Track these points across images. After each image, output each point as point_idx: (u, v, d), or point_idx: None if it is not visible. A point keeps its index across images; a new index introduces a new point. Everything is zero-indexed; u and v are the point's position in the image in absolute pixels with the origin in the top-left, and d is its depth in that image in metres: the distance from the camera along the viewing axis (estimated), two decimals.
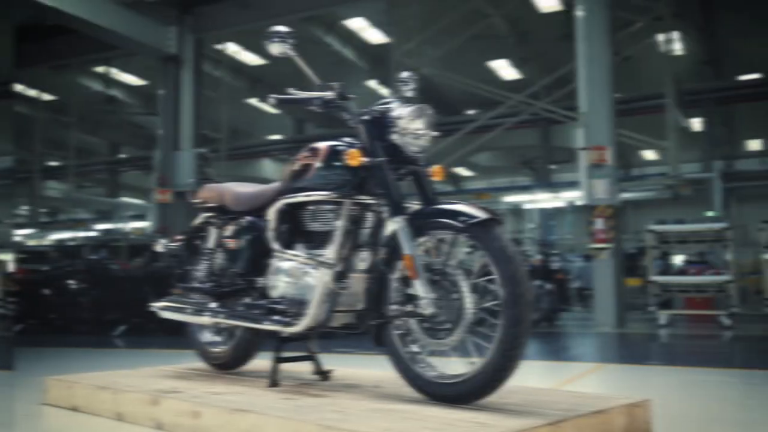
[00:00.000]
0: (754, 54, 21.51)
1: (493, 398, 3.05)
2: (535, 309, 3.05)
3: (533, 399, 3.17)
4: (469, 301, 2.99)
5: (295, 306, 3.44)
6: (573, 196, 20.05)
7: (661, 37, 16.31)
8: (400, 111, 3.28)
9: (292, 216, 3.64)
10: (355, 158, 3.21)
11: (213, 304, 3.91)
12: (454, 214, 3.03)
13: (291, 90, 3.46)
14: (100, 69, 23.46)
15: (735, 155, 29.48)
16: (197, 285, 4.20)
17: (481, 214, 2.96)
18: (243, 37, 20.59)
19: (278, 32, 3.38)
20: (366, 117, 3.35)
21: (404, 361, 3.21)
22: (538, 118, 22.46)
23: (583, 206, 12.38)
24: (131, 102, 26.03)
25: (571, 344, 9.25)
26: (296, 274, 3.47)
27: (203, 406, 3.13)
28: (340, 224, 3.33)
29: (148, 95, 25.67)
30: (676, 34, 17.51)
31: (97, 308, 10.82)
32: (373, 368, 4.66)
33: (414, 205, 3.30)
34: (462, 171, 32.46)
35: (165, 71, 16.53)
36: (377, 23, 19.99)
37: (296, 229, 3.64)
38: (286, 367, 4.15)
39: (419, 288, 3.05)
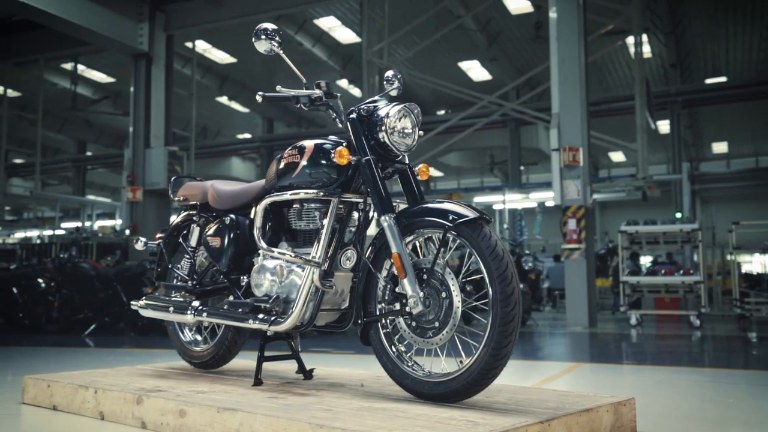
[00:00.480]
0: (720, 57, 21.84)
1: (479, 397, 3.07)
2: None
3: (520, 397, 3.18)
4: (457, 299, 3.00)
5: (280, 304, 3.42)
6: (544, 197, 20.19)
7: (630, 41, 16.47)
8: (387, 109, 3.27)
9: (278, 214, 3.63)
10: (342, 156, 3.20)
11: (196, 303, 3.88)
12: (443, 213, 3.03)
13: (279, 88, 3.45)
14: (67, 65, 23.19)
15: (701, 157, 29.95)
16: (179, 283, 4.17)
17: (469, 213, 2.96)
18: (213, 35, 20.51)
19: (265, 30, 3.38)
20: (353, 115, 3.34)
21: (392, 360, 3.21)
22: (508, 119, 22.64)
23: (554, 207, 12.45)
24: (98, 99, 25.74)
25: (545, 344, 9.30)
26: (282, 272, 3.45)
27: (189, 404, 3.09)
28: (326, 222, 3.31)
29: (115, 92, 25.45)
30: (645, 38, 17.69)
31: (67, 307, 10.69)
32: (354, 367, 4.67)
33: (401, 204, 3.30)
34: (432, 171, 32.53)
35: (136, 68, 16.38)
36: (348, 23, 20.00)
37: (282, 228, 3.63)
38: (266, 366, 4.14)
39: (407, 287, 3.04)
